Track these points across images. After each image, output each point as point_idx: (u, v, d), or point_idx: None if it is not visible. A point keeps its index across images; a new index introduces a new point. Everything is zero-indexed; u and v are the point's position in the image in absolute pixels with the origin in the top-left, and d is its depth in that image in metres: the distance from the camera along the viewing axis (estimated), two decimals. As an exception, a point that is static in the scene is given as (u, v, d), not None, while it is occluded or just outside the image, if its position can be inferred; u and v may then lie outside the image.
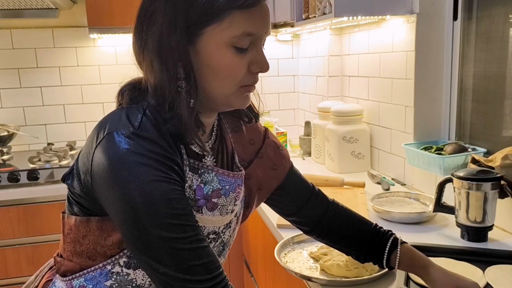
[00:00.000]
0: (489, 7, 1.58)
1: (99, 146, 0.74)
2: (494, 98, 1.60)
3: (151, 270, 0.72)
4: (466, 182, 1.24)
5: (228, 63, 0.76)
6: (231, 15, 0.74)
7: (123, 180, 0.70)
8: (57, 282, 0.88)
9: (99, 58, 2.56)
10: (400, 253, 0.96)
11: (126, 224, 0.72)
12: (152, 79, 0.78)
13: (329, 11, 1.78)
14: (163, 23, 0.74)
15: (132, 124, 0.74)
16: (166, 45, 0.75)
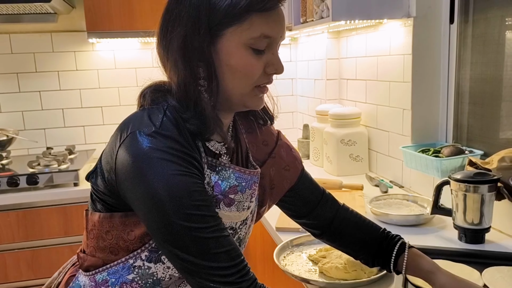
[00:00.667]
0: (485, 10, 1.60)
1: (123, 145, 0.78)
2: (491, 101, 1.61)
3: (177, 260, 0.75)
4: (463, 184, 1.25)
5: (246, 63, 0.80)
6: (251, 18, 0.78)
7: (147, 176, 0.74)
8: (80, 277, 0.91)
9: (98, 62, 2.57)
10: (407, 257, 0.97)
11: (152, 217, 0.75)
12: (176, 78, 0.82)
13: (326, 15, 1.79)
14: (187, 24, 0.79)
15: (154, 123, 0.78)
16: (190, 45, 0.79)
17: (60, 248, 2.10)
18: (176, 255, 0.75)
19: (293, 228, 1.42)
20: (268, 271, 1.73)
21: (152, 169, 0.74)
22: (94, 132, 2.62)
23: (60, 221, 2.08)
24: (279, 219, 1.51)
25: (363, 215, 1.10)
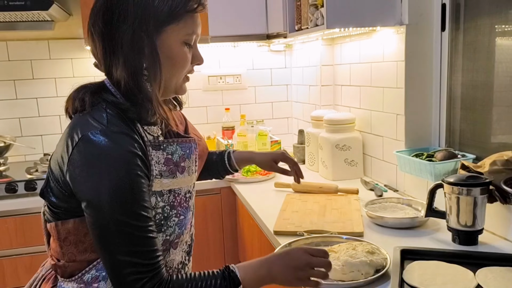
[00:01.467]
0: (476, 18, 1.64)
1: (76, 148, 0.85)
2: (482, 106, 1.65)
3: (108, 259, 0.84)
4: (456, 187, 1.28)
5: (182, 55, 0.94)
6: (185, 18, 0.92)
7: (98, 173, 0.82)
8: (64, 284, 0.95)
9: (94, 69, 2.56)
10: (234, 158, 1.35)
11: (96, 216, 0.84)
12: (125, 70, 0.89)
13: (321, 23, 1.83)
14: (134, 22, 0.88)
15: (101, 123, 0.86)
16: (138, 40, 0.88)
17: (58, 254, 2.11)
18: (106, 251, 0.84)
19: (290, 232, 1.45)
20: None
21: (105, 167, 0.82)
22: (91, 138, 2.63)
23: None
24: (276, 223, 1.53)
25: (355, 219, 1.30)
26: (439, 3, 1.73)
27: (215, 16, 2.35)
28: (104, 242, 0.84)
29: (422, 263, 1.17)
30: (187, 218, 1.00)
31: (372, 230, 1.47)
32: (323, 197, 1.80)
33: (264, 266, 0.95)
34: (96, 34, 0.91)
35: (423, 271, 1.12)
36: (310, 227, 1.47)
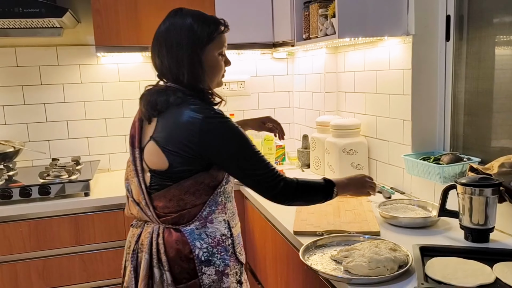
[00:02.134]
0: (478, 29, 1.74)
1: (203, 124, 1.24)
2: (484, 112, 1.75)
3: (255, 177, 1.30)
4: (469, 188, 1.37)
5: (219, 63, 1.38)
6: (218, 38, 1.35)
7: (230, 135, 1.27)
8: (187, 228, 1.31)
9: (102, 75, 2.63)
10: None
11: (238, 157, 1.28)
12: (191, 78, 1.31)
13: (331, 32, 1.91)
14: (187, 44, 1.30)
15: (203, 107, 1.29)
16: (193, 58, 1.30)
17: (71, 257, 2.13)
18: (252, 173, 1.29)
19: (310, 232, 1.52)
20: (282, 274, 1.81)
21: (231, 130, 1.28)
22: (98, 143, 2.66)
23: (71, 231, 2.12)
24: (295, 224, 1.60)
25: (369, 220, 1.59)
26: (444, 15, 1.83)
27: (223, 24, 2.42)
28: (248, 171, 1.29)
29: (441, 259, 1.25)
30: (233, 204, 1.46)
31: (387, 230, 1.55)
32: (334, 199, 1.87)
33: (345, 182, 1.49)
34: (162, 55, 1.31)
35: (444, 266, 1.20)
36: (328, 227, 1.54)
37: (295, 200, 1.34)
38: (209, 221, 1.33)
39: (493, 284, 1.11)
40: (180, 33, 1.29)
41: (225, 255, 1.34)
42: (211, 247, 1.32)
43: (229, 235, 1.37)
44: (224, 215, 1.37)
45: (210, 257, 1.31)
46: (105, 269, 2.18)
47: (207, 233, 1.32)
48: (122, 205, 2.18)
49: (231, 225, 1.39)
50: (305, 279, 1.53)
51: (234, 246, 1.38)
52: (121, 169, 2.72)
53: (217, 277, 1.32)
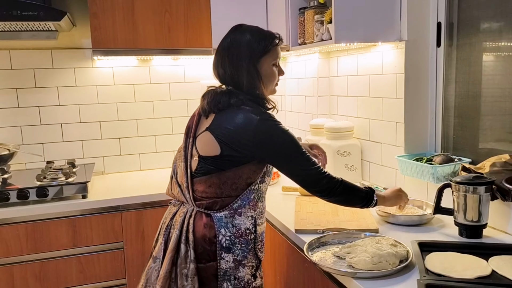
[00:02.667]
0: (467, 36, 1.83)
1: (257, 126, 1.38)
2: (474, 115, 1.83)
3: (299, 175, 1.43)
4: (464, 186, 1.44)
5: (273, 73, 1.53)
6: (271, 51, 1.50)
7: (283, 136, 1.41)
8: (218, 214, 1.44)
9: (97, 78, 2.64)
10: None
11: (289, 155, 1.41)
12: (248, 86, 1.47)
13: (327, 38, 1.97)
14: (247, 54, 1.47)
15: (259, 110, 1.43)
16: (249, 68, 1.46)
17: (68, 260, 2.13)
18: (300, 172, 1.42)
19: (311, 230, 1.57)
20: (281, 273, 1.85)
21: (283, 132, 1.41)
22: (92, 146, 2.67)
23: (68, 233, 2.12)
24: (296, 223, 1.65)
25: (367, 219, 1.64)
26: (435, 22, 1.91)
27: (218, 30, 2.46)
28: (297, 168, 1.42)
29: (438, 254, 1.31)
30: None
31: (384, 228, 1.61)
32: (331, 200, 1.93)
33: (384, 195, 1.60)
34: (224, 66, 1.48)
35: (442, 261, 1.26)
36: (328, 225, 1.59)
37: (336, 196, 1.45)
38: (238, 213, 1.45)
39: (490, 276, 1.17)
40: (240, 47, 1.46)
41: (245, 248, 1.45)
42: (234, 236, 1.44)
43: (253, 231, 1.48)
44: (253, 212, 1.48)
45: (231, 245, 1.43)
46: (102, 272, 2.19)
47: (233, 224, 1.44)
48: (120, 207, 2.19)
49: (257, 223, 1.49)
50: (306, 276, 1.57)
51: (255, 242, 1.48)
52: (115, 172, 2.73)
53: (233, 265, 1.43)
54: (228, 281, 1.43)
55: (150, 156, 2.80)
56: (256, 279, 1.49)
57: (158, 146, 2.80)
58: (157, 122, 2.78)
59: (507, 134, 1.67)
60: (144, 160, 2.79)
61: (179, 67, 2.79)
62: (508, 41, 1.67)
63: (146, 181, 2.51)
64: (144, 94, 2.74)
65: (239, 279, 1.44)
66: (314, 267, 1.46)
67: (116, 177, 2.65)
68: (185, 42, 2.43)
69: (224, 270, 1.43)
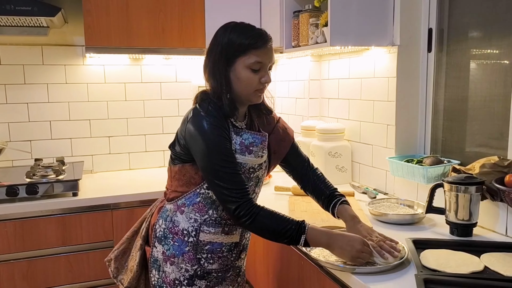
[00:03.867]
0: (458, 42, 1.89)
1: (189, 122, 1.35)
2: (462, 118, 1.89)
3: (216, 187, 1.31)
4: (456, 186, 1.48)
5: (247, 77, 1.35)
6: (250, 52, 1.33)
7: (203, 137, 1.31)
8: (166, 205, 1.49)
9: (88, 76, 2.62)
10: (337, 210, 1.51)
11: (204, 161, 1.32)
12: (210, 85, 1.40)
13: (321, 40, 2.01)
14: (215, 55, 1.36)
15: (205, 110, 1.34)
16: (216, 67, 1.36)
17: (56, 258, 2.10)
18: (216, 184, 1.31)
19: (307, 228, 1.59)
20: (274, 271, 1.86)
21: (206, 134, 1.31)
22: (81, 144, 2.64)
23: (58, 231, 2.09)
24: (291, 221, 1.66)
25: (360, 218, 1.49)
26: (426, 28, 1.97)
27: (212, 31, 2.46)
28: (212, 177, 1.31)
29: (432, 251, 1.35)
30: (248, 185, 1.40)
31: (377, 226, 1.64)
32: (324, 199, 1.96)
33: (327, 237, 1.31)
34: (204, 66, 1.41)
35: (437, 257, 1.30)
36: (324, 224, 1.61)
37: (251, 229, 1.32)
38: (180, 211, 1.44)
39: (483, 271, 1.21)
40: (214, 43, 1.38)
41: (179, 247, 1.43)
42: (168, 230, 1.45)
43: (193, 235, 1.42)
44: (199, 217, 1.42)
45: (163, 237, 1.46)
46: (92, 271, 2.17)
47: (173, 219, 1.46)
48: (110, 205, 2.18)
49: (202, 229, 1.42)
50: (301, 274, 1.59)
51: (196, 249, 1.42)
52: (104, 170, 2.71)
53: (162, 258, 1.46)
54: (157, 270, 1.47)
55: (140, 155, 2.78)
56: (191, 286, 1.43)
57: (148, 146, 2.79)
58: (147, 121, 2.77)
59: (493, 139, 1.73)
60: (134, 159, 2.77)
61: (171, 67, 2.79)
62: (496, 48, 1.73)
63: (136, 180, 2.50)
64: (135, 93, 2.73)
65: (165, 273, 1.45)
66: (311, 264, 1.48)
67: (105, 176, 2.63)
68: (179, 42, 2.43)
69: (154, 258, 1.48)
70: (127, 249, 1.62)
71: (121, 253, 1.62)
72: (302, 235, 1.28)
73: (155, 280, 1.48)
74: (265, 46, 1.34)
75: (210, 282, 1.47)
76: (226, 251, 1.46)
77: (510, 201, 1.41)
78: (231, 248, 1.48)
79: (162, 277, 1.46)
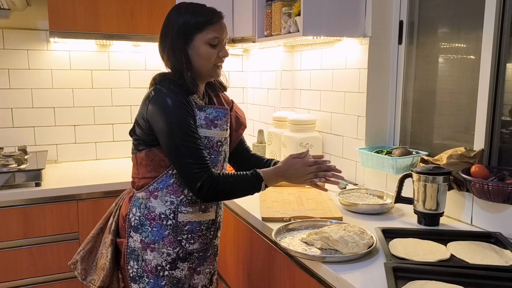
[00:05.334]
0: (427, 34, 1.91)
1: (151, 101, 1.36)
2: (430, 110, 1.92)
3: (179, 163, 1.33)
4: (424, 176, 1.50)
5: (206, 52, 1.41)
6: (207, 28, 1.40)
7: (166, 114, 1.33)
8: (137, 194, 1.47)
9: (52, 62, 2.52)
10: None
11: (167, 137, 1.33)
12: (170, 64, 1.43)
13: (294, 30, 2.00)
14: (173, 35, 1.40)
15: (167, 88, 1.37)
16: (175, 46, 1.39)
17: (18, 251, 2.02)
18: (178, 161, 1.33)
19: (278, 218, 1.58)
20: (244, 262, 1.85)
21: (169, 111, 1.33)
22: (45, 133, 2.54)
23: (19, 223, 2.01)
24: (262, 212, 1.66)
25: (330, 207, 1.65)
26: (397, 20, 1.98)
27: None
28: (174, 153, 1.33)
29: (401, 240, 1.37)
30: (217, 158, 1.48)
31: (347, 216, 1.65)
32: (294, 190, 1.96)
33: (278, 173, 1.43)
34: (160, 48, 1.44)
35: (405, 246, 1.31)
36: (294, 214, 1.61)
37: (217, 198, 1.38)
38: (154, 196, 1.44)
39: (449, 259, 1.24)
40: (168, 24, 1.41)
41: (158, 232, 1.43)
42: (144, 217, 1.44)
43: (171, 217, 1.43)
44: (174, 198, 1.43)
45: (139, 226, 1.44)
46: (55, 263, 2.10)
47: (147, 205, 1.44)
48: (76, 196, 2.11)
49: (179, 210, 1.44)
50: (272, 264, 1.59)
51: (176, 231, 1.44)
52: (70, 160, 2.62)
53: (141, 246, 1.44)
54: (135, 260, 1.45)
55: (107, 145, 2.71)
56: (174, 270, 1.45)
57: (115, 135, 2.72)
58: (115, 110, 2.70)
59: (460, 132, 1.76)
60: (101, 149, 2.69)
61: (140, 54, 2.71)
62: (464, 42, 1.76)
63: (103, 170, 2.43)
64: (102, 80, 2.64)
65: (146, 261, 1.44)
66: (281, 254, 1.47)
67: (70, 166, 2.54)
68: (148, 28, 2.37)
69: (131, 248, 1.46)
70: (94, 248, 1.58)
71: (88, 253, 1.57)
72: (261, 181, 1.38)
73: (133, 271, 1.45)
74: (220, 21, 1.42)
75: (192, 263, 1.49)
76: (205, 229, 1.50)
77: (476, 191, 1.44)
78: (209, 225, 1.51)
79: (142, 267, 1.44)
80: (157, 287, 1.44)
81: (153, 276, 1.44)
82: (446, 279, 1.10)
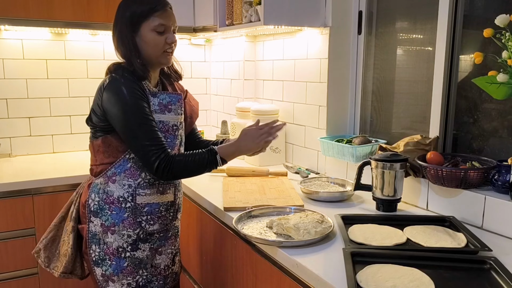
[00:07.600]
0: (385, 25, 1.95)
1: (106, 88, 1.39)
2: (388, 100, 1.96)
3: (134, 146, 1.38)
4: (382, 163, 1.54)
5: (153, 39, 1.44)
6: (153, 16, 1.43)
7: (120, 100, 1.37)
8: (95, 181, 1.50)
9: (3, 51, 2.40)
10: None
11: (123, 122, 1.37)
12: (120, 53, 1.47)
13: (255, 19, 1.98)
14: (121, 25, 1.44)
15: (121, 76, 1.41)
16: (123, 35, 1.44)
17: (-30, 249, 1.93)
18: (134, 143, 1.38)
19: (240, 207, 1.58)
20: (207, 253, 1.84)
21: (124, 96, 1.37)
22: (-2, 125, 2.43)
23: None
24: (224, 201, 1.65)
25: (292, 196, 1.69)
26: (357, 10, 2.01)
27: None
28: (131, 136, 1.37)
29: (360, 226, 1.40)
30: (173, 142, 1.52)
31: (309, 204, 1.67)
32: (257, 180, 1.96)
33: (234, 146, 1.48)
34: (113, 36, 1.48)
35: (363, 232, 1.34)
36: (256, 203, 1.61)
37: (174, 177, 1.41)
38: (112, 180, 1.48)
39: (405, 243, 1.27)
40: (117, 15, 1.46)
41: (118, 214, 1.47)
42: (103, 202, 1.48)
43: (130, 200, 1.47)
44: (132, 181, 1.47)
45: (98, 210, 1.48)
46: (10, 260, 2.02)
47: (105, 190, 1.48)
48: (31, 190, 2.03)
49: (138, 193, 1.48)
50: (234, 253, 1.58)
51: (135, 213, 1.48)
52: (24, 154, 2.52)
53: (101, 229, 1.48)
54: (97, 244, 1.48)
55: (65, 137, 2.62)
56: (135, 251, 1.49)
57: (73, 128, 2.63)
58: (72, 101, 2.61)
59: (417, 121, 1.81)
60: (58, 142, 2.60)
61: (98, 43, 2.63)
62: (420, 33, 1.80)
63: (60, 164, 2.35)
64: (58, 70, 2.55)
65: (107, 244, 1.47)
66: (243, 243, 1.47)
67: (25, 160, 2.44)
68: (105, 16, 2.29)
69: (93, 233, 1.49)
70: (56, 236, 1.60)
71: (50, 241, 1.60)
72: (215, 154, 1.43)
73: (95, 255, 1.48)
74: (165, 8, 1.45)
75: (153, 244, 1.53)
76: (164, 210, 1.53)
77: (431, 177, 1.48)
78: (168, 207, 1.55)
79: (103, 250, 1.47)
80: (119, 268, 1.47)
81: (115, 258, 1.47)
82: (402, 262, 1.14)
